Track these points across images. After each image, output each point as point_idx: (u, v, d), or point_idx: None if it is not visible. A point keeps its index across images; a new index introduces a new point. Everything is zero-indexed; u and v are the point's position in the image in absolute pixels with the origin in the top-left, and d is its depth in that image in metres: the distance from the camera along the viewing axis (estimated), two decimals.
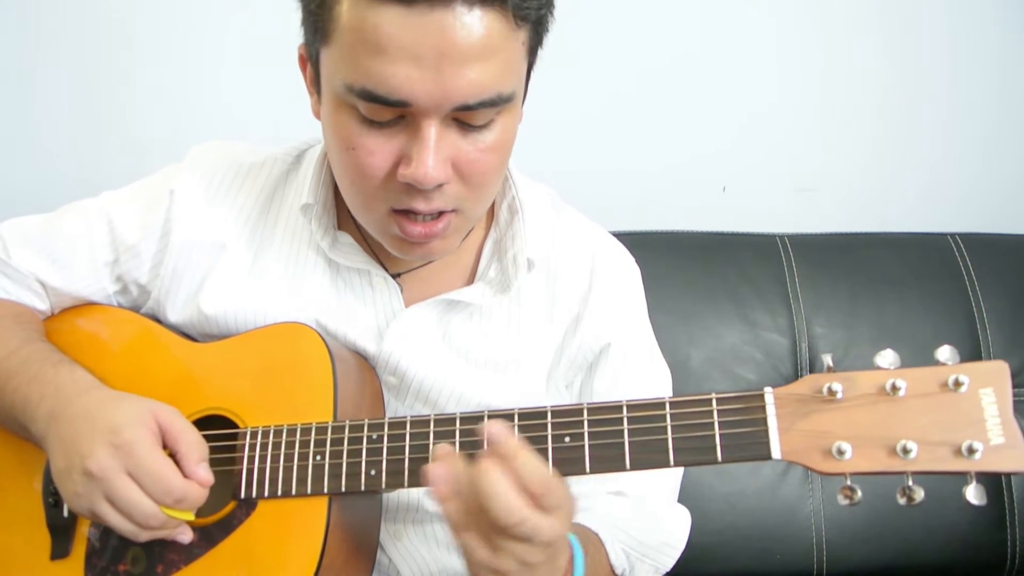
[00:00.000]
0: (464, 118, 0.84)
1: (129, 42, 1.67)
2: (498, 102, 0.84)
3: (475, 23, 0.79)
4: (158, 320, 1.07)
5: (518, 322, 1.05)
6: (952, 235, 1.60)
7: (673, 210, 1.69)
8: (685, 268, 1.55)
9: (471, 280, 1.05)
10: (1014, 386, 0.73)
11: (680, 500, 1.19)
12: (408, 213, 0.89)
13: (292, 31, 1.66)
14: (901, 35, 1.74)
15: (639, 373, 1.11)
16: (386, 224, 0.91)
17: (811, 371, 1.51)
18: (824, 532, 1.45)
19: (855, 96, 1.76)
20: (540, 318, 1.06)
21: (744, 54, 1.73)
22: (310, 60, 0.91)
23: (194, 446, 0.89)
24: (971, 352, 1.51)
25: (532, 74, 0.93)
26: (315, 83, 0.92)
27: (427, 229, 0.90)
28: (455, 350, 1.03)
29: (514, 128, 0.91)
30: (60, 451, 0.89)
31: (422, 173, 0.84)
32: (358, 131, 0.85)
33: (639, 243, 1.19)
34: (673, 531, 1.08)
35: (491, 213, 1.07)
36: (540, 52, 0.91)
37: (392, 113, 0.83)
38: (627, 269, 1.13)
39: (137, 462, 0.85)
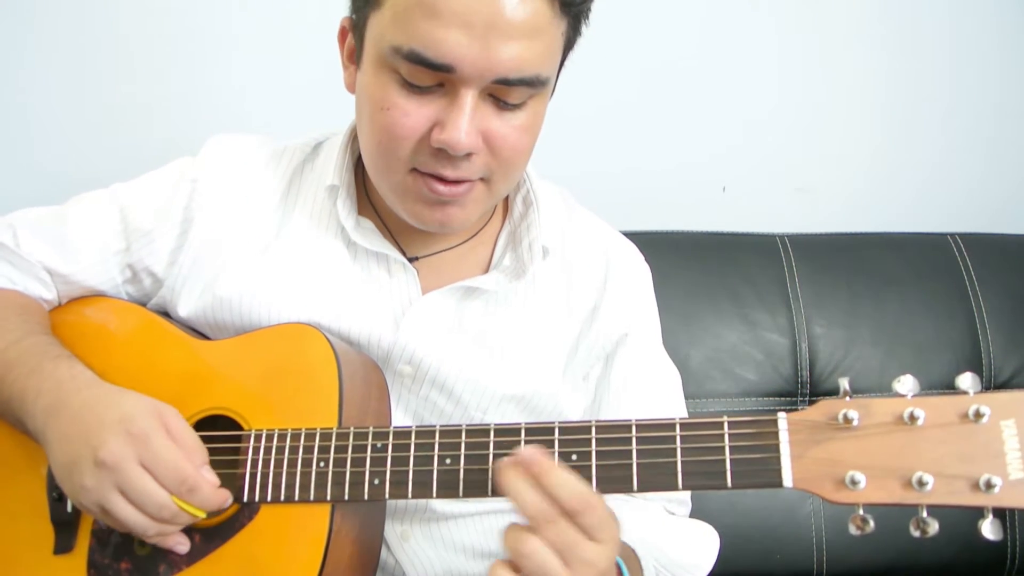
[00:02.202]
0: (500, 94, 0.88)
1: (129, 40, 1.66)
2: (535, 83, 0.88)
3: (525, 2, 0.83)
4: (167, 313, 1.07)
5: (534, 310, 1.06)
6: (952, 235, 1.60)
7: (673, 210, 1.68)
8: (685, 268, 1.55)
9: (487, 270, 1.07)
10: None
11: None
12: (433, 176, 0.92)
13: (293, 30, 1.65)
14: (901, 35, 1.74)
15: (655, 367, 1.13)
16: (407, 184, 0.93)
17: (811, 371, 1.51)
18: (824, 532, 1.46)
19: (855, 96, 1.76)
20: (556, 307, 1.07)
21: (745, 55, 1.73)
22: (354, 29, 0.94)
23: (196, 450, 0.88)
24: (971, 352, 1.51)
25: (561, 73, 0.96)
26: (354, 54, 0.95)
27: (451, 189, 0.92)
28: (471, 338, 1.04)
29: (543, 115, 0.94)
30: (63, 446, 0.88)
31: (455, 138, 0.86)
32: (396, 92, 0.88)
33: (639, 243, 1.19)
34: (704, 554, 1.08)
35: (506, 206, 1.10)
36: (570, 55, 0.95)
37: (433, 79, 0.86)
38: (641, 265, 1.16)
39: (152, 451, 0.85)
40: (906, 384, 0.71)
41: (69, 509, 0.96)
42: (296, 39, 1.65)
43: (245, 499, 0.90)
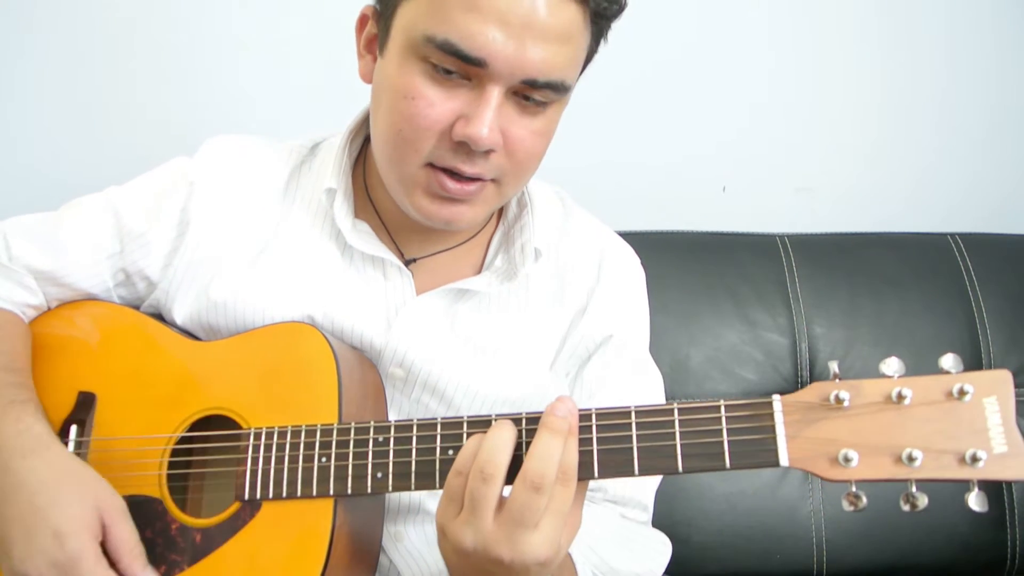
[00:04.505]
0: (526, 94, 0.89)
1: (127, 42, 1.67)
2: (559, 88, 0.90)
3: (561, 8, 0.86)
4: (161, 317, 1.07)
5: (526, 311, 1.06)
6: (952, 235, 1.60)
7: (673, 210, 1.69)
8: (685, 268, 1.55)
9: (479, 272, 1.07)
10: (1015, 386, 0.74)
11: (681, 499, 1.17)
12: (447, 171, 0.92)
13: (293, 32, 1.65)
14: (900, 34, 1.75)
15: (634, 370, 1.11)
16: (419, 178, 0.93)
17: (811, 371, 1.51)
18: (824, 532, 1.45)
19: (854, 96, 1.76)
20: (548, 309, 1.07)
21: (743, 54, 1.74)
22: (379, 17, 0.94)
23: (135, 550, 0.88)
24: (971, 352, 1.51)
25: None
26: (373, 43, 0.96)
27: (463, 187, 0.92)
28: (463, 339, 1.04)
29: (557, 124, 0.96)
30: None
31: (479, 133, 0.87)
32: (422, 82, 0.89)
33: (639, 243, 1.19)
34: (651, 568, 1.06)
35: (501, 208, 1.09)
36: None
37: (463, 71, 0.87)
38: (634, 268, 1.15)
39: None
40: (892, 366, 0.74)
41: None
42: (296, 41, 1.66)
43: (246, 496, 0.90)
